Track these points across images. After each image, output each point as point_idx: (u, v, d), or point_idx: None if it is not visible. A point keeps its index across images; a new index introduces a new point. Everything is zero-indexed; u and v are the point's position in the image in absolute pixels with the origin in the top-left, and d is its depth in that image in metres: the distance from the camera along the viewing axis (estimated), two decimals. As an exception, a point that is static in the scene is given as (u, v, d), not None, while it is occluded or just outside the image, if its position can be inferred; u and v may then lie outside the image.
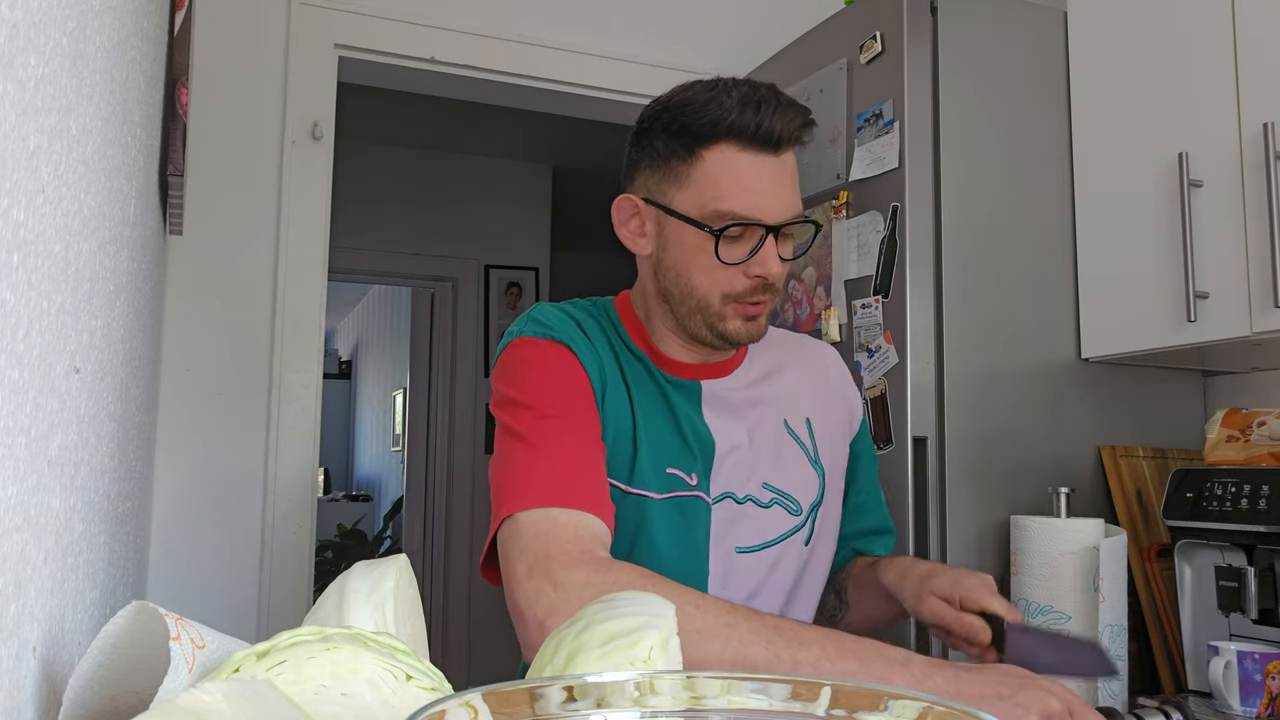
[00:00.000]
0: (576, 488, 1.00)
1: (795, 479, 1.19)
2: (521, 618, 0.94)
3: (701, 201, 1.07)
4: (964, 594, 1.07)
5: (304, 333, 2.10)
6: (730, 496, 1.15)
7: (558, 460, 1.02)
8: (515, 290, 4.56)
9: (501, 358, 1.13)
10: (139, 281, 1.13)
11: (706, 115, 1.06)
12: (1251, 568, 1.45)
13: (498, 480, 1.04)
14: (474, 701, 0.39)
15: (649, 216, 1.13)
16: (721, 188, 1.06)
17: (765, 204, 1.06)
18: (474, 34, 2.26)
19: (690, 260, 1.09)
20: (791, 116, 1.07)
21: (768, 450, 1.18)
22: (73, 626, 0.65)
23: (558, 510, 0.98)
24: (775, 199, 1.07)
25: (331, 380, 7.93)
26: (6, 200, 0.41)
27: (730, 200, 1.06)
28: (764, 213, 1.06)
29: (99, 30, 0.65)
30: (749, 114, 1.05)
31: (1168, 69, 1.64)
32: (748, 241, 1.07)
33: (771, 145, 1.06)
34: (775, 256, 1.08)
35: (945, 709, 0.38)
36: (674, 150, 1.09)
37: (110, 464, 0.88)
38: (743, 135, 1.05)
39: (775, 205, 1.07)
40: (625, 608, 0.63)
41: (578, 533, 0.97)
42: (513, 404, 1.07)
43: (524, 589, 0.94)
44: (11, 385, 0.43)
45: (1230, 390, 1.85)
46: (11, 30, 0.40)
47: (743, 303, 1.09)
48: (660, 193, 1.10)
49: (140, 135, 1.01)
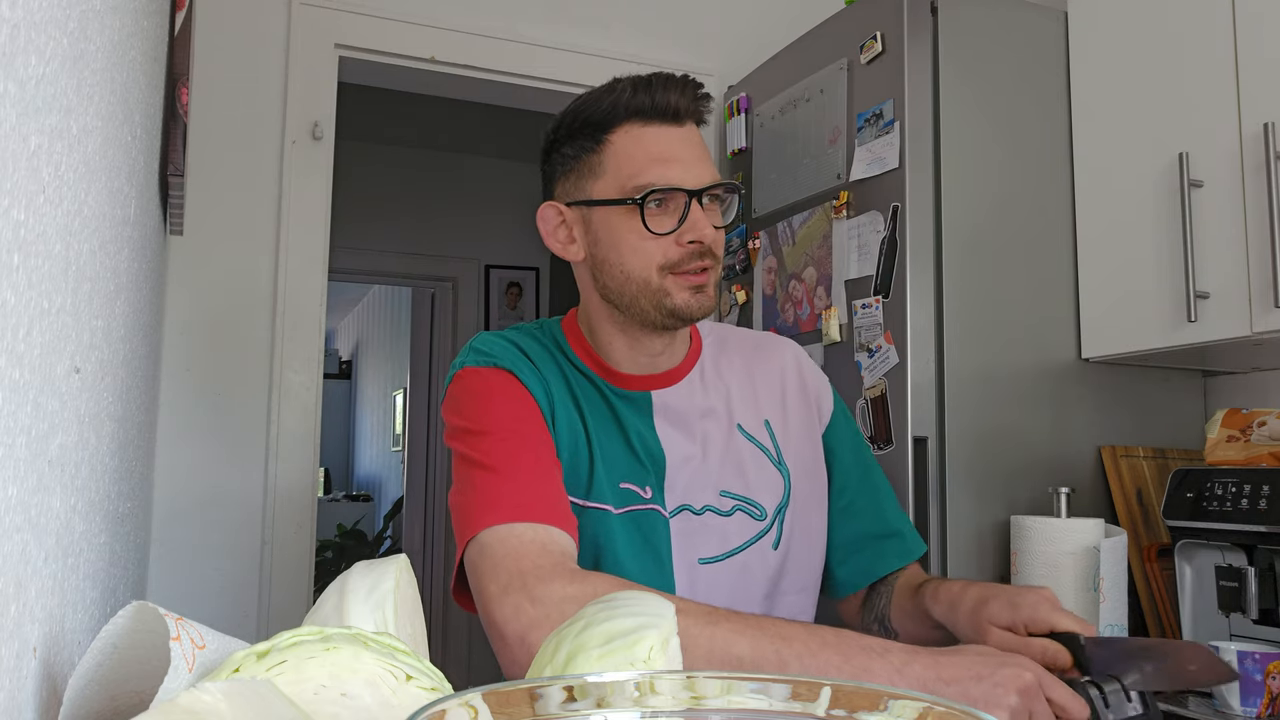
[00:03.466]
0: (539, 503, 1.01)
1: (757, 483, 1.17)
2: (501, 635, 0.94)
3: (619, 182, 1.09)
4: (1026, 619, 1.01)
5: (304, 333, 2.10)
6: (687, 508, 1.13)
7: (518, 479, 1.03)
8: (515, 290, 4.56)
9: (449, 390, 1.15)
10: (139, 281, 1.13)
11: (604, 104, 1.10)
12: (1252, 568, 1.45)
13: (460, 507, 1.05)
14: (474, 701, 0.39)
15: (574, 220, 1.14)
16: (635, 163, 1.08)
17: (680, 171, 1.08)
18: (474, 34, 2.26)
19: (621, 241, 1.09)
20: (684, 89, 1.10)
21: (723, 457, 1.16)
22: (73, 626, 0.65)
23: (523, 526, 0.98)
24: (689, 165, 1.08)
25: (331, 380, 7.93)
26: (7, 200, 0.41)
27: (646, 173, 1.08)
28: (681, 179, 1.07)
29: (99, 30, 0.65)
30: (642, 93, 1.09)
31: (1168, 69, 1.64)
32: (674, 211, 1.08)
33: (671, 116, 1.09)
34: (705, 220, 1.08)
35: (945, 709, 0.38)
36: (582, 147, 1.11)
37: (110, 464, 0.88)
38: (641, 112, 1.09)
39: (690, 171, 1.08)
40: (625, 608, 0.63)
41: (546, 546, 0.97)
42: (465, 432, 1.09)
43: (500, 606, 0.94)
44: (12, 385, 0.43)
45: (1230, 390, 1.85)
46: (12, 30, 0.40)
47: (682, 273, 1.09)
48: (579, 191, 1.12)
49: (140, 135, 1.01)
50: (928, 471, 1.64)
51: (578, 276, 1.18)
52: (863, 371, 1.71)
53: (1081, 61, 1.80)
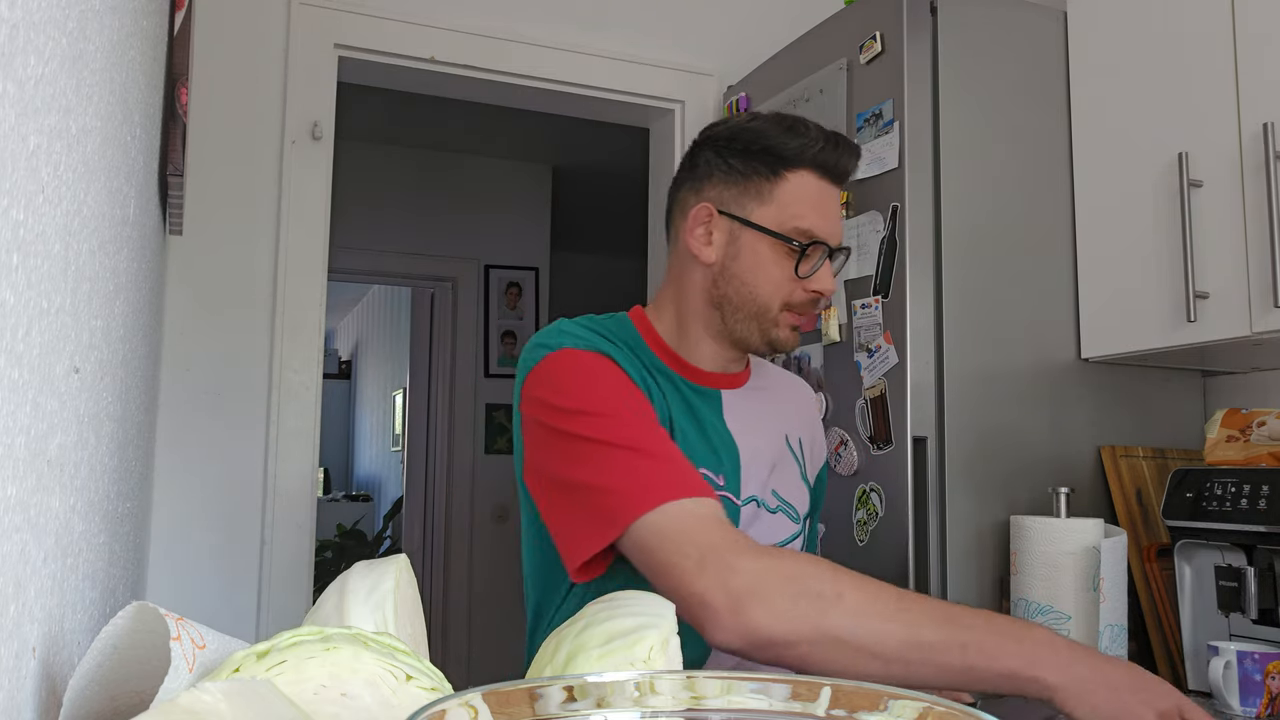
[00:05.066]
0: (693, 479, 1.06)
1: (793, 490, 1.28)
2: (706, 605, 0.97)
3: (782, 218, 1.18)
4: None
5: (304, 333, 2.10)
6: (755, 499, 1.22)
7: (667, 457, 1.07)
8: (515, 290, 4.56)
9: (544, 368, 1.14)
10: (139, 281, 1.13)
11: (793, 143, 1.18)
12: (1251, 568, 1.45)
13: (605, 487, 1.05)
14: (474, 701, 0.39)
15: (719, 226, 1.21)
16: (802, 207, 1.18)
17: (831, 227, 1.19)
18: (474, 34, 2.26)
19: (759, 269, 1.19)
20: (855, 156, 1.22)
21: (775, 460, 1.26)
22: (72, 626, 0.65)
23: (690, 501, 1.02)
24: (835, 224, 1.21)
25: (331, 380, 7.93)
26: (6, 200, 0.41)
27: (807, 219, 1.18)
28: (829, 235, 1.19)
29: (99, 30, 0.65)
30: (830, 149, 1.19)
31: (1167, 69, 1.64)
32: (811, 259, 1.19)
33: (839, 179, 1.21)
34: (832, 274, 1.21)
35: (945, 709, 0.38)
36: (755, 169, 1.19)
37: (110, 464, 0.88)
38: (822, 167, 1.19)
39: (837, 229, 1.21)
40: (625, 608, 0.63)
41: (720, 520, 1.03)
42: (580, 413, 1.09)
43: (701, 579, 0.97)
44: (11, 385, 0.43)
45: (1230, 390, 1.85)
46: (11, 30, 0.40)
47: (794, 313, 1.20)
48: (738, 206, 1.20)
49: (140, 135, 1.01)
50: (927, 471, 1.64)
51: (687, 273, 1.24)
52: (862, 371, 1.71)
53: (1081, 61, 1.80)
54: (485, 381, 4.47)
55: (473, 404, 4.43)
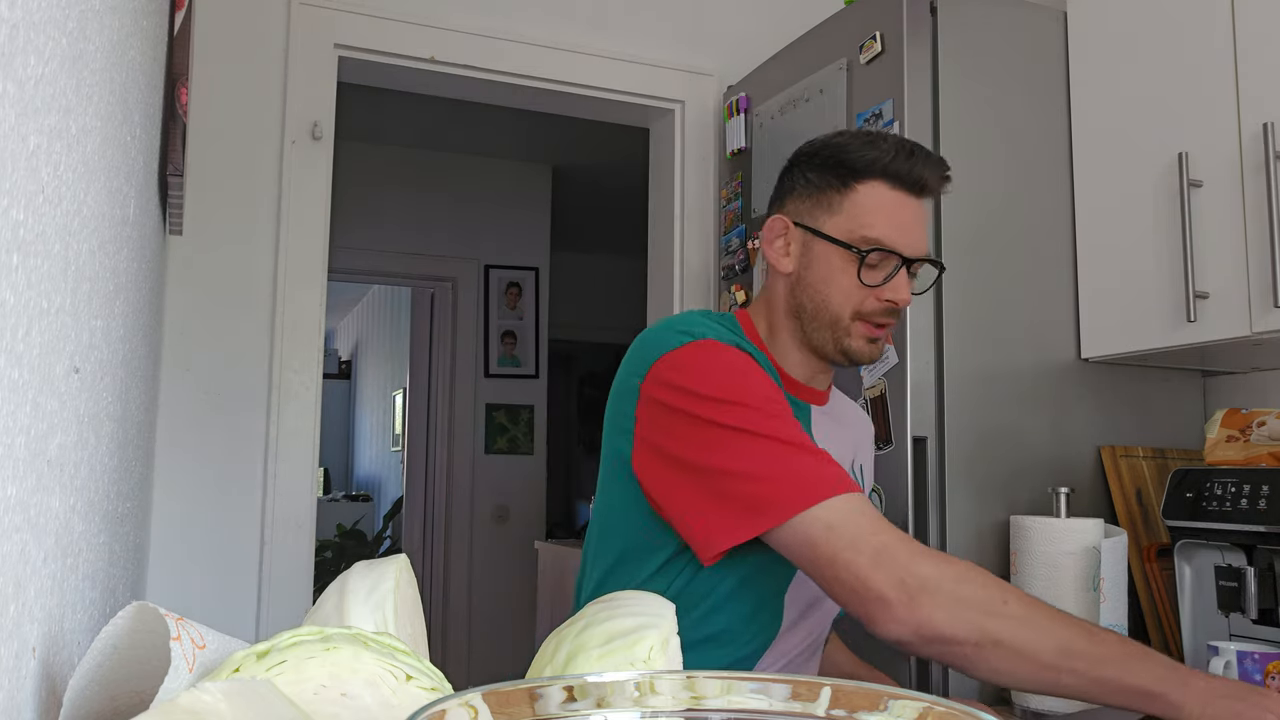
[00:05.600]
0: (845, 477, 1.10)
1: None
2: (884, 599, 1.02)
3: (850, 227, 1.19)
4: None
5: (304, 333, 2.09)
6: None
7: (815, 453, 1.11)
8: (515, 290, 4.56)
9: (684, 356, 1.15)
10: (139, 281, 1.13)
11: (865, 154, 1.19)
12: (1251, 568, 1.45)
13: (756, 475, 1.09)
14: (474, 701, 0.39)
15: (795, 238, 1.24)
16: (871, 217, 1.19)
17: (905, 237, 1.19)
18: (474, 34, 2.26)
19: (831, 278, 1.20)
20: (936, 168, 1.21)
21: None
22: (72, 626, 0.65)
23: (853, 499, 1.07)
24: (913, 235, 1.20)
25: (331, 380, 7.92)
26: (6, 200, 0.41)
27: (876, 229, 1.18)
28: (902, 245, 1.19)
29: (99, 30, 0.65)
30: (902, 159, 1.19)
31: (1167, 69, 1.64)
32: (884, 268, 1.19)
33: (916, 189, 1.20)
34: (907, 287, 1.20)
35: (945, 709, 0.38)
36: (828, 181, 1.21)
37: (110, 464, 0.88)
38: (895, 176, 1.19)
39: (912, 240, 1.20)
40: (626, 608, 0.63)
41: (881, 519, 1.08)
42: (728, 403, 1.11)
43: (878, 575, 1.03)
44: (11, 385, 0.43)
45: (1230, 390, 1.85)
46: (11, 30, 0.40)
47: (868, 323, 1.20)
48: (811, 218, 1.23)
49: (140, 135, 1.00)
50: (927, 471, 1.64)
51: (772, 284, 1.28)
52: (862, 371, 1.71)
53: (1081, 61, 1.80)
54: (485, 381, 4.47)
55: (473, 404, 4.43)
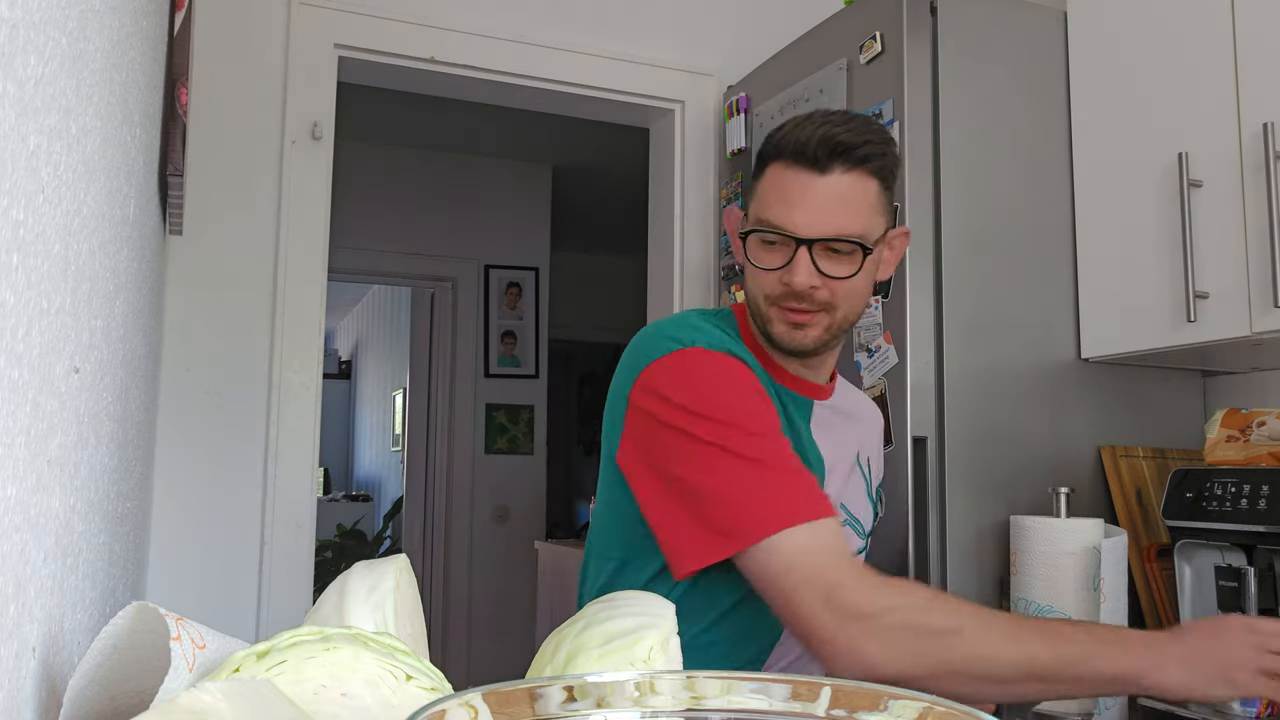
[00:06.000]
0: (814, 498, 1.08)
1: (861, 506, 1.30)
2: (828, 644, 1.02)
3: (755, 211, 1.16)
4: None
5: (304, 333, 2.09)
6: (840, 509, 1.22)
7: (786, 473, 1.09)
8: (515, 290, 4.56)
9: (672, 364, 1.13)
10: (139, 281, 1.13)
11: (774, 137, 1.15)
12: (1251, 568, 1.45)
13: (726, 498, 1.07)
14: (474, 701, 0.39)
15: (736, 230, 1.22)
16: (766, 198, 1.14)
17: (796, 216, 1.11)
18: (474, 34, 2.26)
19: (748, 267, 1.17)
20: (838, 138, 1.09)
21: (848, 475, 1.28)
22: (72, 626, 0.65)
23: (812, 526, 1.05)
24: (808, 213, 1.10)
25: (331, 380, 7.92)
26: (6, 200, 0.41)
27: (768, 210, 1.13)
28: (794, 225, 1.11)
29: (99, 30, 0.65)
30: (796, 133, 1.12)
31: (1167, 69, 1.64)
32: (782, 249, 1.12)
33: (813, 163, 1.10)
34: (804, 269, 1.10)
35: (945, 709, 0.38)
36: (755, 169, 1.19)
37: (110, 464, 0.88)
38: (790, 153, 1.12)
39: (807, 219, 1.10)
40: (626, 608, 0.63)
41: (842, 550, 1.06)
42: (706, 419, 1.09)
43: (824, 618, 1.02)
44: (11, 385, 0.43)
45: (1230, 390, 1.85)
46: (11, 30, 0.40)
47: (781, 307, 1.14)
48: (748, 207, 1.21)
49: (140, 135, 1.00)
50: (927, 471, 1.64)
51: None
52: (862, 371, 1.71)
53: (1081, 61, 1.80)
54: (485, 381, 4.47)
55: (473, 404, 4.43)
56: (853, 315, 1.18)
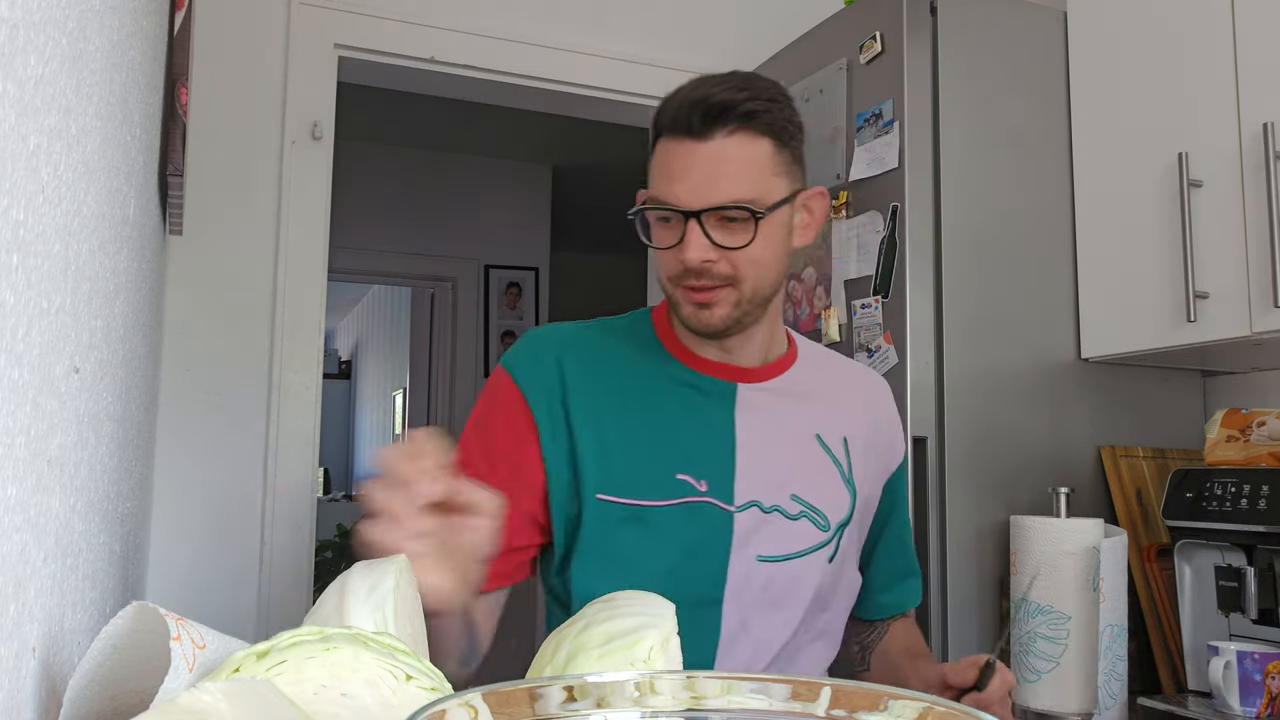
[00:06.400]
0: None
1: (826, 495, 1.17)
2: None
3: (647, 191, 1.09)
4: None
5: (304, 333, 2.09)
6: (756, 505, 1.12)
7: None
8: (515, 290, 4.56)
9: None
10: (139, 281, 1.13)
11: (659, 111, 1.07)
12: (1251, 568, 1.45)
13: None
14: (474, 701, 0.39)
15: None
16: (654, 176, 1.07)
17: (680, 190, 1.04)
18: (474, 34, 2.26)
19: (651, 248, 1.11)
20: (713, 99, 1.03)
21: (798, 462, 1.16)
22: (72, 626, 0.65)
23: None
24: (691, 183, 1.03)
25: (331, 380, 7.92)
26: (6, 200, 0.41)
27: (655, 187, 1.07)
28: (678, 198, 1.04)
29: (99, 30, 0.65)
30: (673, 104, 1.05)
31: (1168, 69, 1.64)
32: (676, 228, 1.05)
33: (693, 132, 1.03)
34: (695, 242, 1.04)
35: (945, 709, 0.38)
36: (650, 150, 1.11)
37: (110, 464, 0.88)
38: (669, 125, 1.05)
39: (690, 190, 1.03)
40: (626, 608, 0.63)
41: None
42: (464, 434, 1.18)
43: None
44: (11, 385, 0.43)
45: (1230, 390, 1.85)
46: (11, 30, 0.40)
47: (685, 288, 1.07)
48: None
49: (140, 135, 1.00)
50: (927, 471, 1.64)
51: None
52: (862, 371, 1.71)
53: (1081, 61, 1.80)
54: (485, 382, 4.48)
55: (472, 404, 4.43)
56: (764, 287, 1.09)
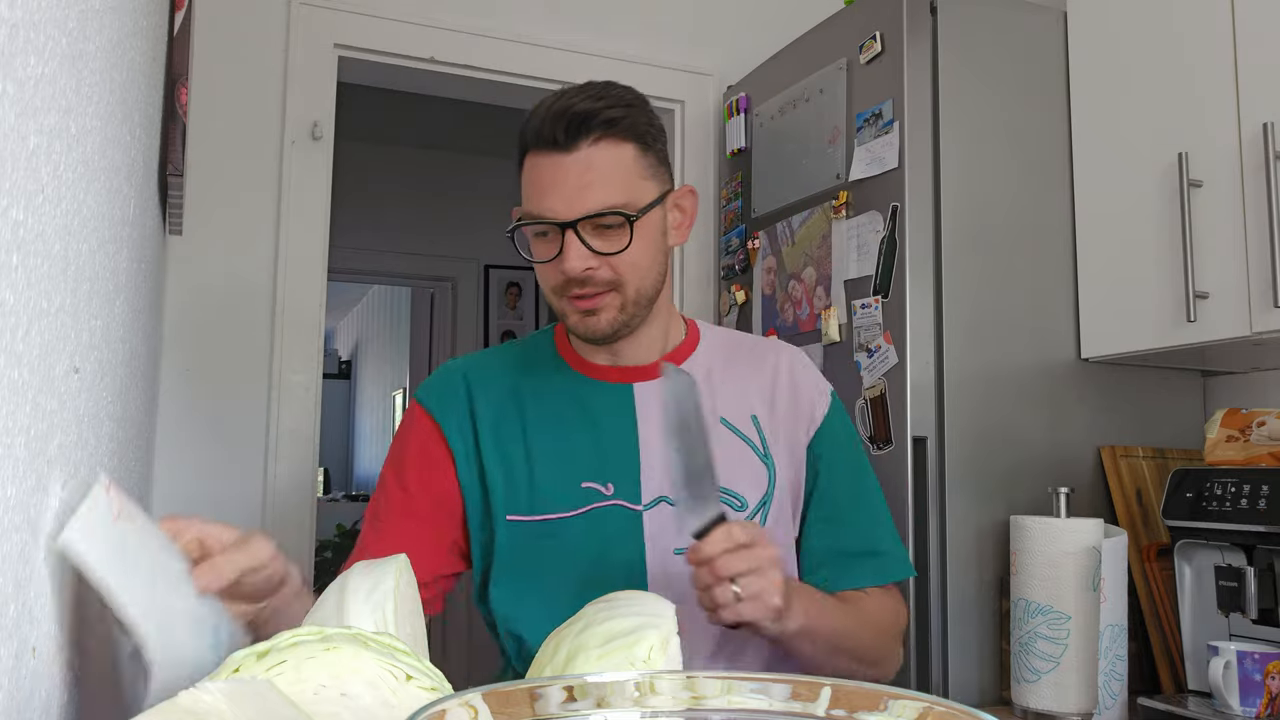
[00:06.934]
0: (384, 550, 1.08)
1: (739, 475, 1.16)
2: None
3: (521, 208, 1.13)
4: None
5: (304, 333, 2.09)
6: (664, 500, 1.13)
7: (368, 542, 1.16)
8: (515, 290, 4.56)
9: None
10: (139, 281, 1.13)
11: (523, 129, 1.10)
12: (1251, 568, 1.45)
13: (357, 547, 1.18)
14: (474, 701, 0.39)
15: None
16: (526, 192, 1.11)
17: (552, 202, 1.07)
18: (474, 34, 2.26)
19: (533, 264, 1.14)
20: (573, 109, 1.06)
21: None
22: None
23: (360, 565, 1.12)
24: (562, 194, 1.07)
25: (331, 380, 7.93)
26: (6, 200, 0.41)
27: (528, 202, 1.10)
28: (552, 210, 1.07)
29: (99, 30, 0.65)
30: (536, 119, 1.08)
31: (1167, 69, 1.64)
32: (555, 240, 1.09)
33: (559, 144, 1.07)
34: (574, 253, 1.06)
35: (945, 709, 0.38)
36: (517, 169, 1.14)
37: (109, 464, 0.88)
38: (533, 140, 1.09)
39: (562, 201, 1.07)
40: (625, 608, 0.63)
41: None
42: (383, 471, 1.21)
43: None
44: (11, 385, 0.43)
45: (1230, 390, 1.85)
46: (11, 30, 0.40)
47: (570, 298, 1.10)
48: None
49: (140, 135, 1.00)
50: (927, 472, 1.64)
51: None
52: (862, 371, 1.71)
53: (1081, 61, 1.80)
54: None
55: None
56: (646, 288, 1.12)
